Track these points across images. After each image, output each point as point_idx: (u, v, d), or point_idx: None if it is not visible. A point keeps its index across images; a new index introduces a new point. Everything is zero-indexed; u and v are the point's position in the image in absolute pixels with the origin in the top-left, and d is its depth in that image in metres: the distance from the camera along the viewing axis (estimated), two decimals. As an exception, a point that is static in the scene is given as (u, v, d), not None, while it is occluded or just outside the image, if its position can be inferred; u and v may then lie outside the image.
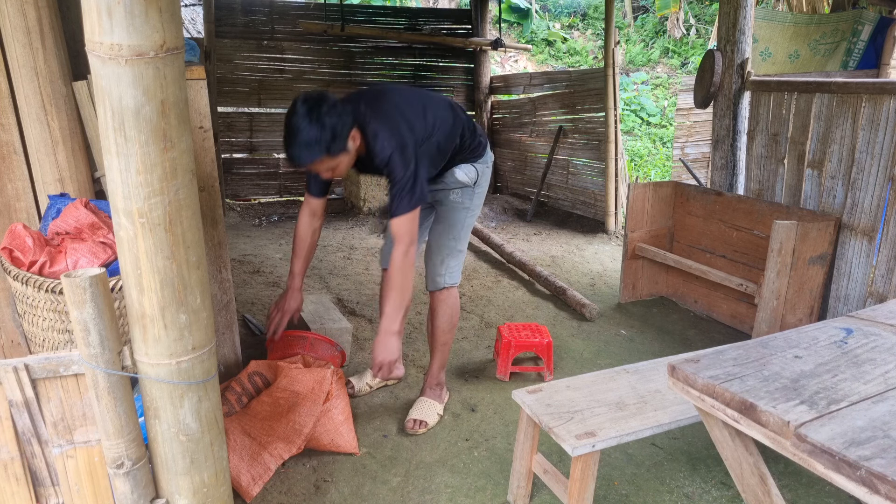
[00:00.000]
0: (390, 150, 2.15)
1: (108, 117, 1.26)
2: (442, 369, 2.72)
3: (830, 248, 3.12)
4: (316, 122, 2.01)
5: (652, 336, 3.54)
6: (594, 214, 5.70)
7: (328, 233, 5.42)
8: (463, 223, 2.55)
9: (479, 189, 2.55)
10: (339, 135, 2.06)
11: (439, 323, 2.62)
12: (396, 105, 2.26)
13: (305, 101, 2.04)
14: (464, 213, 2.54)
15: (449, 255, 2.55)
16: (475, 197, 2.55)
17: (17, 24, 1.95)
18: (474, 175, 2.51)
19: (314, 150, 2.05)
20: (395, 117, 2.21)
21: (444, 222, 2.55)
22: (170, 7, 1.24)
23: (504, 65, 11.48)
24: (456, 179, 2.48)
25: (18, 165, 2.11)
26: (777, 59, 5.33)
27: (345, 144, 2.11)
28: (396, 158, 2.16)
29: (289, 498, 2.19)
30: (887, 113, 2.90)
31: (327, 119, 2.02)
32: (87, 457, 1.51)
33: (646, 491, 2.26)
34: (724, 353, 1.51)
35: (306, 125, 2.01)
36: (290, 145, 2.06)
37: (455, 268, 2.58)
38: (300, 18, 6.14)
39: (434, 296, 2.61)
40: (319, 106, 2.03)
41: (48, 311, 1.69)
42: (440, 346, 2.66)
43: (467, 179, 2.49)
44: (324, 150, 2.05)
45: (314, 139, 2.02)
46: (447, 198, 2.53)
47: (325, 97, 2.06)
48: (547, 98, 6.14)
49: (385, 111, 2.22)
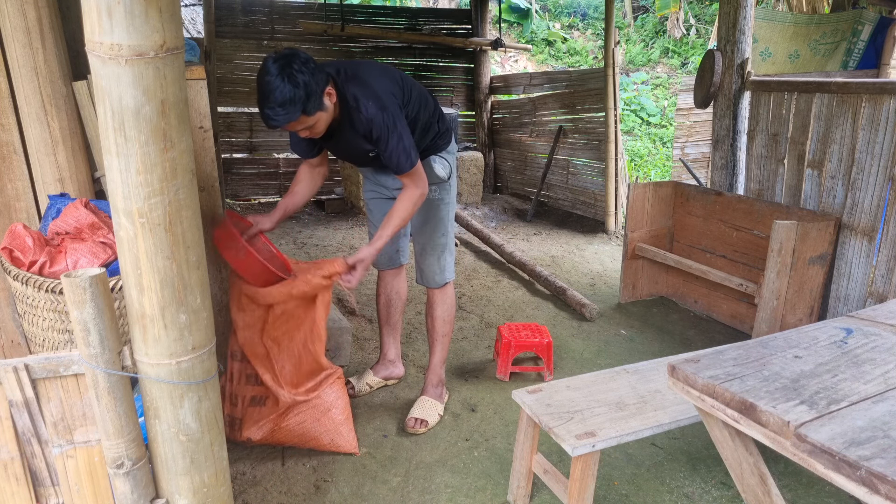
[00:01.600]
0: (374, 111, 2.13)
1: (108, 117, 1.26)
2: (443, 364, 2.73)
3: (830, 248, 3.12)
4: (289, 81, 1.96)
5: (652, 336, 3.54)
6: (594, 214, 5.70)
7: (328, 233, 5.42)
8: (447, 218, 2.58)
9: (452, 181, 2.58)
10: (314, 92, 2.02)
11: (439, 314, 2.65)
12: (372, 72, 2.25)
13: (277, 60, 1.98)
14: (444, 208, 2.56)
15: (443, 251, 2.59)
16: (451, 190, 2.58)
17: (17, 24, 1.95)
18: (449, 169, 2.53)
19: (290, 110, 2.00)
20: (373, 81, 2.19)
21: (430, 221, 2.56)
22: (170, 7, 1.24)
23: (504, 65, 11.47)
24: (434, 174, 2.48)
25: (18, 165, 2.11)
26: (777, 59, 5.33)
27: (320, 102, 2.07)
28: (382, 118, 2.13)
29: (289, 498, 2.19)
30: (887, 113, 2.90)
31: (300, 77, 1.97)
32: (87, 457, 1.51)
33: (646, 491, 2.26)
34: (724, 353, 1.51)
35: (279, 84, 1.96)
36: (265, 106, 2.01)
37: (450, 262, 2.62)
38: (300, 18, 6.14)
39: (434, 292, 2.65)
40: (290, 64, 1.98)
41: (48, 311, 1.69)
42: (440, 338, 2.68)
43: (444, 174, 2.51)
44: (299, 108, 2.01)
45: (288, 98, 1.97)
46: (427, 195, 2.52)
47: (296, 54, 2.01)
48: (547, 98, 6.14)
49: (362, 76, 2.20)
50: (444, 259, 2.60)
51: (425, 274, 2.63)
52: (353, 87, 2.16)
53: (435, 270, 2.60)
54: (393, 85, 2.26)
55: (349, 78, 2.19)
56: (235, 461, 2.34)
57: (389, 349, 2.89)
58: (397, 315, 2.86)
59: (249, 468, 2.33)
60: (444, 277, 2.62)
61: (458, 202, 6.09)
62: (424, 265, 2.61)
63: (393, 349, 2.89)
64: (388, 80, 2.26)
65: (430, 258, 2.59)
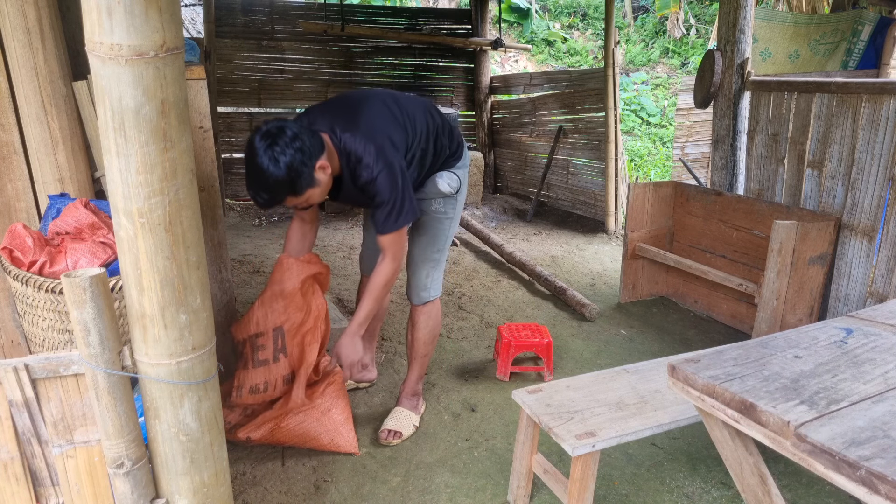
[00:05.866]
0: (377, 171, 2.04)
1: (108, 117, 1.26)
2: (420, 380, 2.67)
3: (830, 248, 3.12)
4: (273, 165, 1.88)
5: (652, 336, 3.54)
6: (594, 214, 5.70)
7: (328, 233, 5.42)
8: (446, 234, 2.47)
9: (459, 196, 2.46)
10: (302, 173, 1.93)
11: (421, 335, 2.55)
12: (374, 119, 2.12)
13: (264, 138, 1.90)
14: (447, 223, 2.45)
15: (433, 267, 2.48)
16: (457, 205, 2.46)
17: (17, 24, 1.95)
18: (457, 184, 2.40)
19: (277, 193, 1.95)
20: (376, 134, 2.08)
21: (427, 234, 2.44)
22: (170, 7, 1.24)
23: (504, 65, 11.47)
24: (438, 190, 2.37)
25: (18, 165, 2.11)
26: (777, 59, 5.34)
27: (311, 179, 1.98)
28: (384, 180, 2.05)
29: (289, 498, 2.19)
30: (887, 113, 2.90)
31: (283, 159, 1.88)
32: (87, 457, 1.51)
33: (646, 491, 2.26)
34: (724, 353, 1.51)
35: (264, 167, 1.88)
36: (250, 187, 1.96)
37: (438, 279, 2.52)
38: (300, 18, 6.14)
39: (417, 308, 2.53)
40: (276, 143, 1.89)
41: (48, 311, 1.69)
42: (420, 358, 2.60)
43: (450, 189, 2.38)
44: (285, 192, 1.95)
45: (275, 182, 1.91)
46: (429, 207, 2.42)
47: (282, 131, 1.91)
48: (547, 98, 6.14)
49: (363, 127, 2.08)
50: (433, 275, 2.48)
51: (410, 287, 2.53)
52: (352, 142, 2.05)
53: (420, 285, 2.49)
54: (396, 129, 2.14)
55: (347, 130, 2.07)
56: (235, 461, 2.34)
57: (364, 354, 2.86)
58: (376, 321, 2.84)
59: (249, 468, 2.33)
60: (428, 294, 2.50)
61: (458, 202, 6.13)
62: (412, 277, 2.51)
63: (367, 354, 2.87)
64: (390, 125, 2.13)
65: (419, 271, 2.48)
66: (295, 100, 6.42)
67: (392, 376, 3.01)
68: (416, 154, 2.23)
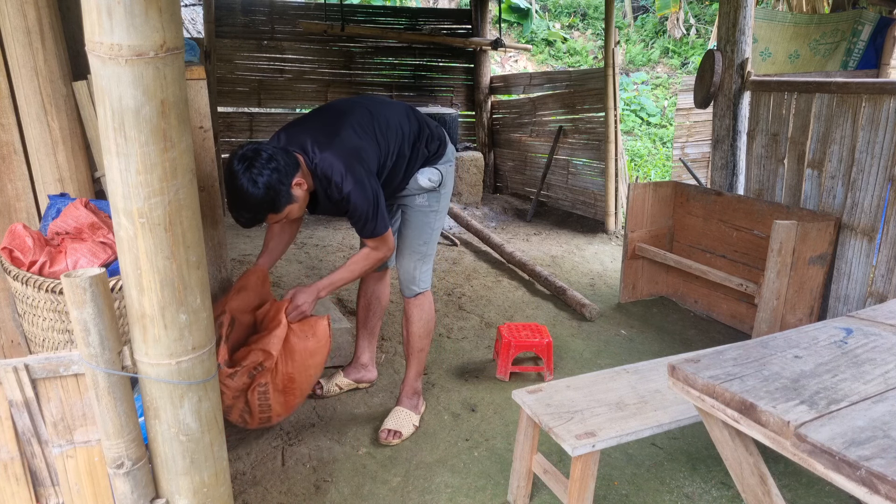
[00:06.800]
0: (348, 189, 2.13)
1: (108, 117, 1.26)
2: (418, 378, 2.68)
3: (830, 248, 3.12)
4: (252, 186, 1.97)
5: (652, 336, 3.54)
6: (594, 214, 5.70)
7: (328, 233, 5.42)
8: (432, 227, 2.52)
9: (444, 190, 2.52)
10: (280, 191, 2.02)
11: (415, 329, 2.59)
12: (347, 137, 2.20)
13: (241, 161, 1.99)
14: (432, 216, 2.51)
15: (421, 260, 2.53)
16: (441, 198, 2.52)
17: (17, 24, 1.95)
18: (438, 178, 2.46)
19: (258, 212, 2.04)
20: (347, 153, 2.15)
21: (414, 228, 2.51)
22: (170, 7, 1.24)
23: (504, 65, 11.47)
24: (419, 185, 2.44)
25: (18, 165, 2.11)
26: (777, 59, 5.34)
27: (289, 197, 2.07)
28: (356, 195, 2.14)
29: (289, 498, 2.19)
30: (887, 113, 2.90)
31: (261, 179, 1.97)
32: (87, 457, 1.51)
33: (646, 491, 2.26)
34: (724, 353, 1.51)
35: (245, 186, 1.97)
36: (233, 208, 2.04)
37: (427, 272, 2.57)
38: (300, 18, 6.14)
39: (409, 301, 2.58)
40: (253, 165, 1.97)
41: (48, 311, 1.69)
42: (416, 353, 2.63)
43: (431, 185, 2.45)
44: (267, 210, 2.04)
45: (255, 202, 1.99)
46: (413, 202, 2.48)
47: (258, 153, 2.00)
48: (547, 98, 6.14)
49: (336, 146, 2.16)
50: (421, 267, 2.53)
51: (400, 280, 2.58)
52: (324, 164, 2.13)
53: (409, 278, 2.54)
54: (369, 145, 2.22)
55: (320, 149, 2.15)
56: (235, 461, 2.34)
57: (363, 353, 2.88)
58: (375, 320, 2.85)
59: (249, 468, 2.33)
60: (418, 287, 2.55)
61: (458, 202, 6.12)
62: (401, 271, 2.56)
63: (367, 353, 2.88)
64: (363, 140, 2.21)
65: (407, 262, 2.53)
66: (295, 100, 6.42)
67: (392, 376, 3.01)
68: (393, 161, 2.32)
